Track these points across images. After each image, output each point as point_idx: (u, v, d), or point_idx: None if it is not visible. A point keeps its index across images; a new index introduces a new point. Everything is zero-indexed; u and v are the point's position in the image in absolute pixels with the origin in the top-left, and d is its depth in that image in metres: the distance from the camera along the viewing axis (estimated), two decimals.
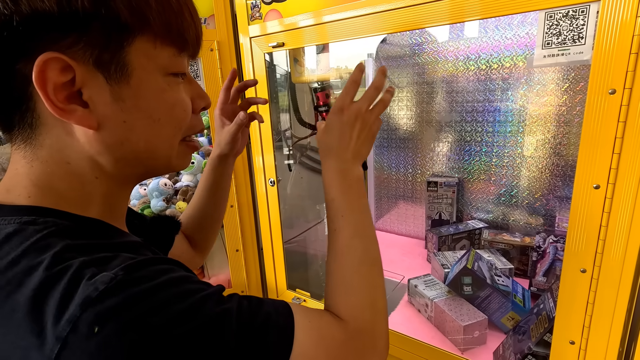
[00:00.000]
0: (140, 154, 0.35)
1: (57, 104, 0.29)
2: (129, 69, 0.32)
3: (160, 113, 0.35)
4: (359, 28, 0.72)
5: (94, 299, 0.26)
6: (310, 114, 1.25)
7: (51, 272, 0.27)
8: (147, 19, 0.31)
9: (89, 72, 0.30)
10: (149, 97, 0.33)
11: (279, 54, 1.13)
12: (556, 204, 1.10)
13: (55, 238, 0.30)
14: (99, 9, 0.29)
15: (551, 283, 0.92)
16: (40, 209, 0.32)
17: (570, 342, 0.60)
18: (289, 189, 1.24)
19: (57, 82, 0.29)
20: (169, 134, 0.36)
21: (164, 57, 0.34)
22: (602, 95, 0.49)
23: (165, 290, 0.28)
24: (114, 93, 0.31)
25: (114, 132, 0.33)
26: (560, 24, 0.51)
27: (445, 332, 0.90)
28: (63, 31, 0.28)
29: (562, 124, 1.03)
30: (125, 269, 0.28)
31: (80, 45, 0.29)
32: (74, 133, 0.32)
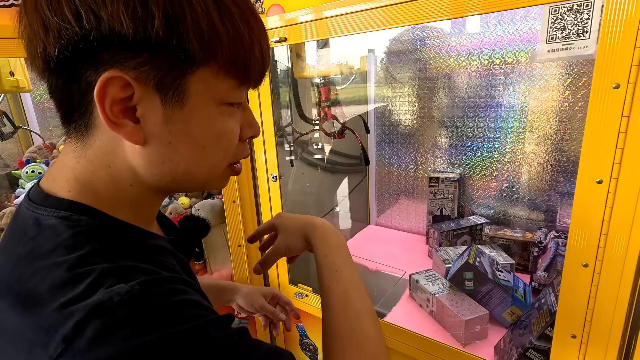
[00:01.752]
0: (177, 175, 0.36)
1: (111, 117, 0.31)
2: (186, 96, 0.33)
3: (206, 141, 0.35)
4: (362, 23, 0.72)
5: (107, 308, 0.27)
6: (311, 109, 1.25)
7: (73, 273, 0.29)
8: (215, 52, 0.32)
9: (148, 92, 0.31)
10: (199, 124, 0.34)
11: (280, 49, 1.12)
12: (558, 199, 1.10)
13: (84, 238, 0.31)
14: (171, 39, 0.30)
15: (552, 278, 0.93)
16: (78, 205, 0.34)
17: (572, 336, 0.60)
18: (290, 184, 1.25)
19: (116, 97, 0.31)
20: (212, 161, 0.37)
21: (223, 88, 0.34)
22: (606, 89, 0.49)
23: (175, 311, 0.29)
24: (166, 115, 0.33)
25: (158, 151, 0.34)
26: (564, 18, 0.51)
27: (446, 327, 0.91)
28: (133, 52, 0.30)
29: (565, 119, 1.03)
30: (142, 284, 0.29)
31: (146, 68, 0.30)
32: (122, 142, 0.34)
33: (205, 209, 1.17)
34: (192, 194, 1.24)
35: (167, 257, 0.38)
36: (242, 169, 0.45)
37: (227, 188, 1.03)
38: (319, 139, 1.32)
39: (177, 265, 0.39)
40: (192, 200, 1.23)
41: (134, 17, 0.28)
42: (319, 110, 1.18)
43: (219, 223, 1.20)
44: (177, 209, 1.20)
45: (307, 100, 1.25)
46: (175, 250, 0.41)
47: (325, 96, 0.97)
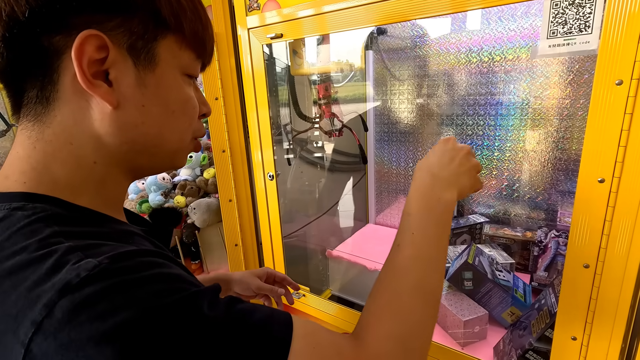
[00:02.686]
0: (149, 140, 0.36)
1: (87, 76, 0.31)
2: (156, 60, 0.35)
3: (176, 105, 0.37)
4: (359, 18, 0.71)
5: (73, 286, 0.25)
6: (309, 107, 1.24)
7: (34, 255, 0.27)
8: (181, 22, 0.35)
9: (121, 54, 0.33)
10: (169, 88, 0.36)
11: (278, 47, 1.11)
12: (558, 198, 1.09)
13: (43, 224, 0.30)
14: (147, 4, 0.33)
15: (552, 278, 0.91)
16: (33, 195, 0.32)
17: (572, 338, 0.59)
18: (288, 183, 1.23)
19: (92, 57, 0.31)
20: (181, 127, 0.38)
21: (185, 58, 0.37)
22: (609, 86, 0.48)
23: (149, 284, 0.27)
24: (139, 78, 0.34)
25: (131, 114, 0.34)
26: (566, 13, 0.50)
27: (445, 327, 0.90)
28: (109, 14, 0.31)
29: (565, 117, 1.02)
30: (111, 257, 0.27)
31: (121, 30, 0.32)
32: (89, 110, 0.33)
33: (201, 208, 1.16)
34: (188, 192, 1.23)
35: (140, 239, 0.35)
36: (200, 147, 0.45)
37: (223, 187, 1.02)
38: (318, 137, 1.30)
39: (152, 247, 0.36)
40: (188, 199, 1.22)
41: None
42: (317, 107, 1.16)
43: (215, 222, 1.19)
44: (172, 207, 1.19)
45: (305, 98, 1.24)
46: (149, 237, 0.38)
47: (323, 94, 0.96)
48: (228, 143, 0.99)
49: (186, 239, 1.17)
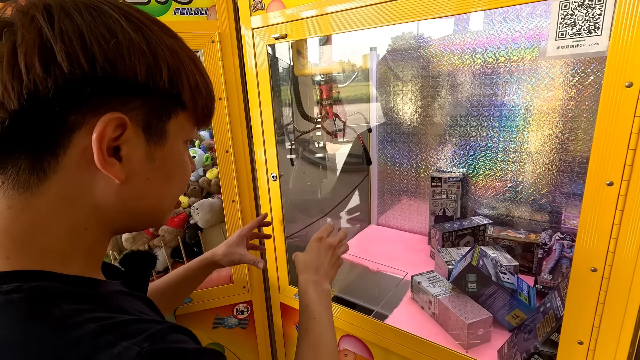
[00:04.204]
0: (149, 208, 0.38)
1: (105, 156, 0.31)
2: (167, 136, 0.36)
3: (176, 174, 0.39)
4: (363, 19, 0.70)
5: None
6: (311, 107, 1.24)
7: (57, 342, 0.26)
8: (195, 102, 0.37)
9: (136, 132, 0.33)
10: (173, 159, 0.38)
11: (281, 47, 1.11)
12: (562, 200, 1.08)
13: (50, 304, 0.28)
14: (171, 88, 0.34)
15: (557, 281, 0.91)
16: (22, 273, 0.30)
17: (579, 342, 0.58)
18: (291, 183, 1.23)
19: (110, 137, 0.31)
20: (177, 191, 0.41)
21: (189, 128, 0.39)
22: (618, 88, 0.47)
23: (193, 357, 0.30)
24: (149, 153, 0.35)
25: (136, 187, 0.35)
26: (575, 14, 0.49)
27: (449, 330, 0.89)
28: (135, 96, 0.32)
29: (570, 119, 1.01)
30: (148, 339, 0.28)
31: (141, 110, 0.33)
32: (93, 182, 0.33)
33: (204, 208, 1.16)
34: (191, 193, 1.23)
35: (132, 302, 0.35)
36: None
37: (226, 187, 1.02)
38: (320, 138, 1.30)
39: (144, 306, 0.36)
40: (191, 199, 1.22)
41: (148, 70, 0.32)
42: (320, 108, 1.16)
43: (218, 223, 1.19)
44: None
45: (308, 98, 1.23)
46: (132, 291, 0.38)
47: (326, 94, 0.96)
48: (231, 143, 0.99)
49: (189, 239, 1.17)
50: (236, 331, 1.17)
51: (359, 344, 0.97)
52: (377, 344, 0.91)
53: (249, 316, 1.16)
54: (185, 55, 0.36)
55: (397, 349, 0.86)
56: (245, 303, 1.15)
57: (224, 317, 1.15)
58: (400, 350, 0.86)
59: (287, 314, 1.13)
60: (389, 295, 1.08)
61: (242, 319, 1.16)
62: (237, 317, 1.16)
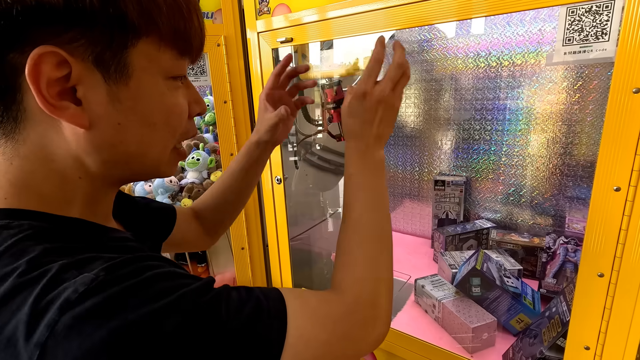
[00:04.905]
0: (130, 157, 0.34)
1: (48, 99, 0.28)
2: (130, 70, 0.31)
3: (157, 117, 0.34)
4: (369, 23, 0.70)
5: (74, 301, 0.24)
6: (312, 111, 1.24)
7: (26, 277, 0.26)
8: (155, 22, 0.31)
9: (87, 69, 0.29)
10: (148, 100, 0.33)
11: (284, 49, 1.11)
12: (566, 204, 1.08)
13: (31, 242, 0.28)
14: (107, 8, 0.28)
15: (561, 285, 0.91)
16: (16, 211, 0.31)
17: (585, 348, 0.58)
18: (294, 186, 1.23)
19: (51, 77, 0.28)
20: (163, 139, 0.35)
21: (166, 59, 0.33)
22: (626, 93, 0.48)
23: (148, 287, 0.27)
24: (111, 93, 0.30)
25: (106, 133, 0.31)
26: (582, 20, 0.50)
27: (453, 334, 0.89)
28: (65, 25, 0.27)
29: (574, 123, 1.01)
30: (107, 269, 0.27)
31: (82, 42, 0.28)
32: (62, 130, 0.30)
33: None
34: (195, 195, 1.23)
35: (133, 244, 0.35)
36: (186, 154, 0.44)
37: None
38: (322, 140, 1.30)
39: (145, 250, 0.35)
40: None
41: None
42: (324, 111, 1.16)
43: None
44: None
45: None
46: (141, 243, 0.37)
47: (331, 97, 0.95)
48: (236, 146, 0.99)
49: None
50: None
51: None
52: (381, 347, 0.91)
53: None
54: None
55: (401, 352, 0.86)
56: None
57: None
58: (404, 354, 0.86)
59: None
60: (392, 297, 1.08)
61: None
62: None
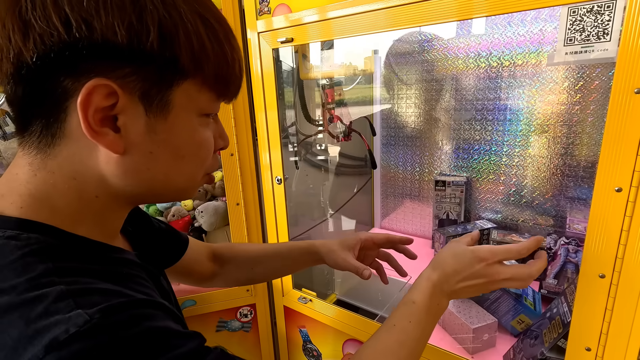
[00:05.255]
0: (155, 184, 0.36)
1: (92, 125, 0.30)
2: (170, 107, 0.33)
3: (187, 150, 0.36)
4: (369, 23, 0.70)
5: (61, 342, 0.24)
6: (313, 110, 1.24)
7: (22, 297, 0.26)
8: (202, 67, 0.33)
9: (132, 101, 0.31)
10: (181, 134, 0.35)
11: (284, 49, 1.11)
12: (567, 205, 1.08)
13: (36, 259, 0.29)
14: (164, 51, 0.30)
15: (562, 286, 0.90)
16: (29, 222, 0.32)
17: (586, 349, 0.58)
18: (294, 186, 1.23)
19: (99, 105, 0.30)
20: (189, 170, 0.37)
21: (204, 100, 0.35)
22: (628, 94, 0.47)
23: (138, 344, 0.27)
24: (149, 125, 0.33)
25: (137, 160, 0.33)
26: (584, 20, 0.49)
27: (453, 334, 0.89)
28: (123, 62, 0.30)
29: (575, 123, 1.01)
30: (103, 311, 0.26)
31: (133, 78, 0.30)
32: (95, 152, 0.32)
33: (209, 211, 1.16)
34: (196, 195, 1.23)
35: (135, 270, 0.36)
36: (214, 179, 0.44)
37: (231, 190, 1.02)
38: (322, 140, 1.30)
39: (147, 279, 0.36)
40: (195, 202, 1.22)
41: (130, 29, 0.29)
42: (324, 111, 1.16)
43: (223, 226, 1.19)
44: (180, 210, 1.19)
45: (311, 101, 1.24)
46: (144, 263, 0.38)
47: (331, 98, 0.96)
48: (236, 146, 0.99)
49: None
50: (239, 334, 1.17)
51: None
52: None
53: (253, 319, 1.16)
54: (191, 10, 0.31)
55: None
56: (248, 306, 1.15)
57: (228, 321, 1.14)
58: None
59: (290, 317, 1.13)
60: (393, 299, 1.08)
61: (245, 322, 1.16)
62: (240, 320, 1.15)
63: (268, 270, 0.68)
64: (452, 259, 0.50)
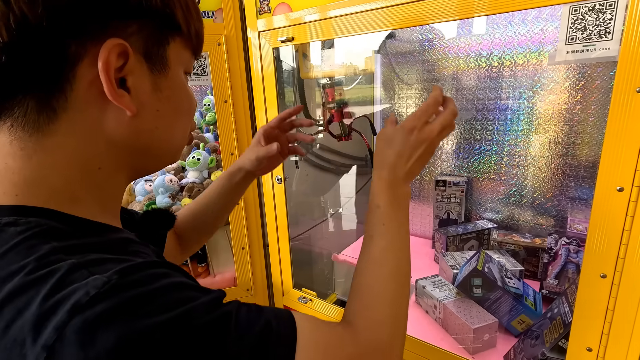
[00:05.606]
0: (162, 142, 0.37)
1: (114, 86, 0.30)
2: (168, 63, 0.35)
3: (184, 105, 0.38)
4: (370, 22, 0.70)
5: (84, 305, 0.24)
6: (313, 110, 1.24)
7: (33, 276, 0.26)
8: (188, 24, 0.36)
9: (138, 61, 0.32)
10: (179, 90, 0.37)
11: (285, 49, 1.11)
12: (568, 204, 1.08)
13: (39, 240, 0.28)
14: (165, 8, 0.32)
15: (563, 286, 0.90)
16: (26, 208, 0.30)
17: (588, 349, 0.58)
18: (294, 186, 1.23)
19: (115, 66, 0.30)
20: (186, 124, 0.39)
21: (186, 57, 0.38)
22: (629, 93, 0.47)
23: (160, 296, 0.27)
24: (154, 83, 0.34)
25: (146, 119, 0.34)
26: (585, 19, 0.49)
27: (454, 335, 0.88)
28: (128, 20, 0.31)
29: (576, 122, 1.01)
30: (120, 272, 0.26)
31: (138, 36, 0.32)
32: (104, 117, 0.32)
33: None
34: (195, 195, 1.23)
35: (141, 248, 0.35)
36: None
37: None
38: (322, 140, 1.30)
39: (151, 254, 0.35)
40: None
41: None
42: (325, 111, 1.16)
43: (222, 225, 1.19)
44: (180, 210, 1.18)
45: (311, 101, 1.23)
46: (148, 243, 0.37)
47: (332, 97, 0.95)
48: (237, 146, 0.99)
49: None
50: None
51: None
52: None
53: None
54: None
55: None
56: None
57: None
58: (404, 355, 0.86)
59: None
60: None
61: None
62: None
63: (217, 212, 0.68)
64: (389, 149, 0.49)
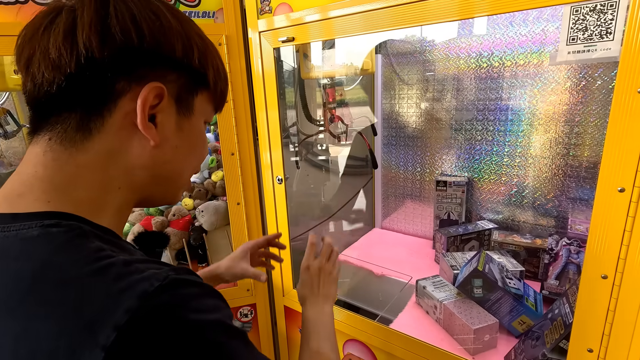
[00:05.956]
0: (172, 175, 0.42)
1: (146, 119, 0.36)
2: (192, 110, 0.41)
3: (197, 147, 0.44)
4: (370, 23, 0.70)
5: (151, 293, 0.28)
6: (314, 110, 1.24)
7: (94, 266, 0.29)
8: (216, 83, 0.43)
9: (170, 102, 0.38)
10: (196, 133, 0.43)
11: (285, 49, 1.11)
12: (569, 205, 1.08)
13: (85, 240, 0.32)
14: (201, 67, 0.40)
15: (564, 287, 0.90)
16: (61, 213, 0.34)
17: (589, 350, 0.58)
18: (295, 186, 1.23)
19: (151, 104, 0.36)
20: (194, 164, 0.45)
21: (209, 109, 0.44)
22: (630, 93, 0.47)
23: (209, 297, 0.33)
24: (178, 123, 0.40)
25: (165, 152, 0.40)
26: (586, 19, 0.49)
27: (454, 335, 0.88)
28: (172, 70, 0.38)
29: (577, 123, 1.01)
30: (174, 270, 0.32)
31: (175, 83, 0.38)
32: (131, 144, 0.37)
33: (209, 210, 1.16)
34: (196, 195, 1.23)
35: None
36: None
37: (232, 190, 1.02)
38: (323, 140, 1.30)
39: None
40: (196, 202, 1.22)
41: (184, 47, 0.38)
42: (325, 111, 1.16)
43: (223, 225, 1.19)
44: (180, 210, 1.18)
45: (312, 101, 1.23)
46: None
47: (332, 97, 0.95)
48: (237, 146, 0.99)
49: (194, 241, 1.17)
50: None
51: (363, 349, 0.96)
52: (382, 348, 0.91)
53: (253, 319, 1.16)
54: (209, 42, 0.42)
55: (402, 353, 0.86)
56: (249, 306, 1.15)
57: None
58: (405, 355, 0.85)
59: (291, 317, 1.12)
60: (393, 299, 1.08)
61: (246, 322, 1.16)
62: (240, 320, 1.15)
63: None
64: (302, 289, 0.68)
